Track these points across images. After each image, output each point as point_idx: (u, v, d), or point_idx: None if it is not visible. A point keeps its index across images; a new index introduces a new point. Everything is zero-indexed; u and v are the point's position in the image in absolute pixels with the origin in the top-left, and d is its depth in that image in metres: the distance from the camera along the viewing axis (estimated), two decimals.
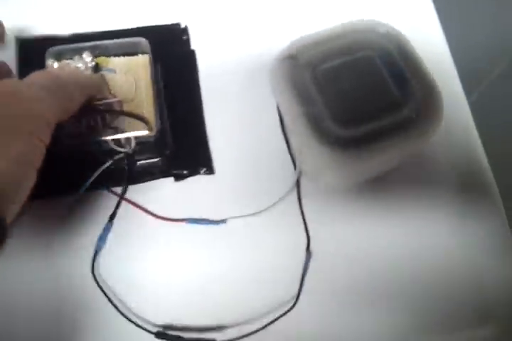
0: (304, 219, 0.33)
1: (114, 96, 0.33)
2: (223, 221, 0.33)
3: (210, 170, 0.34)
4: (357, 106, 0.26)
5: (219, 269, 0.32)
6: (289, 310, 0.31)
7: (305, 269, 0.33)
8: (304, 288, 0.32)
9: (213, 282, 0.32)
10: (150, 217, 0.32)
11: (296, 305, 0.32)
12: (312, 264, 0.33)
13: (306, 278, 0.32)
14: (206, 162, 0.34)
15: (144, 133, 0.31)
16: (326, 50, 0.27)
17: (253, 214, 0.33)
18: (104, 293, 0.31)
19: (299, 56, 0.27)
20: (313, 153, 0.27)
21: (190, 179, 0.34)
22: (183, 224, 0.33)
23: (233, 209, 0.33)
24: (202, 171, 0.34)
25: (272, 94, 0.32)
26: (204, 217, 0.33)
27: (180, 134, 0.34)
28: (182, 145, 0.34)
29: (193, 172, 0.34)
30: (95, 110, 0.31)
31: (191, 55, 0.37)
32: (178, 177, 0.34)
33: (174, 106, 0.34)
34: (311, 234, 0.33)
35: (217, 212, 0.33)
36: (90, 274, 0.31)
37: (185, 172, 0.33)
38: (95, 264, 0.31)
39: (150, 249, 0.32)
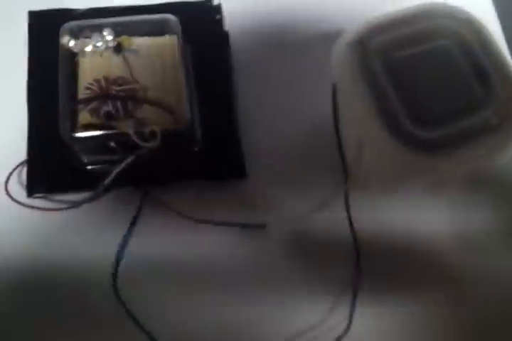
0: (352, 230, 0.28)
1: (137, 82, 0.28)
2: (262, 226, 0.29)
3: (242, 174, 0.30)
4: (435, 103, 0.22)
5: (252, 279, 0.28)
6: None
7: (355, 288, 0.28)
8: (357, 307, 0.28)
9: (244, 296, 0.28)
10: (176, 219, 0.28)
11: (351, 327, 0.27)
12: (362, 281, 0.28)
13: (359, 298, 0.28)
14: (238, 163, 0.30)
15: (171, 125, 0.27)
16: (399, 36, 0.23)
17: (294, 219, 0.29)
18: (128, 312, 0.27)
19: (370, 41, 0.23)
20: (382, 154, 0.23)
21: None
22: (215, 227, 0.28)
23: (271, 213, 0.29)
24: (232, 176, 0.30)
25: (321, 81, 0.28)
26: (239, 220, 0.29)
27: (211, 128, 0.30)
28: (212, 142, 0.30)
29: (223, 176, 0.30)
30: (115, 97, 0.27)
31: (224, 36, 0.32)
32: (207, 180, 0.29)
33: (204, 96, 0.30)
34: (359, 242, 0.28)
35: (252, 216, 0.29)
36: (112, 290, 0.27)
37: (214, 174, 0.29)
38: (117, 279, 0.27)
39: (170, 254, 0.28)
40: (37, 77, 0.31)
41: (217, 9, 0.33)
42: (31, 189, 0.29)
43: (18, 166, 0.30)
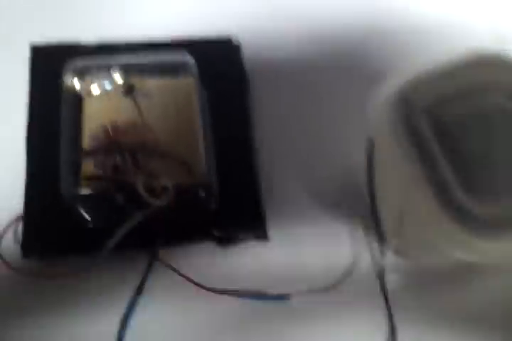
0: (386, 302, 0.25)
1: (149, 129, 0.25)
2: (286, 296, 0.25)
3: (264, 236, 0.26)
4: (493, 172, 0.19)
5: None
6: None
7: None
8: None
9: None
10: (187, 287, 0.25)
11: None
12: None
13: None
14: (258, 225, 0.26)
15: (185, 179, 0.24)
16: (447, 92, 0.20)
17: (326, 290, 0.25)
18: None
19: (415, 98, 0.20)
20: (429, 228, 0.19)
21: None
22: (233, 298, 0.25)
23: (293, 283, 0.26)
24: (252, 238, 0.26)
25: (350, 127, 0.25)
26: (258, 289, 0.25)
27: (228, 184, 0.26)
28: (230, 199, 0.26)
29: (241, 238, 0.26)
30: (124, 149, 0.24)
31: (244, 79, 0.29)
32: (223, 242, 0.26)
33: (221, 148, 0.27)
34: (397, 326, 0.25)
35: (273, 285, 0.25)
36: None
37: (231, 237, 0.26)
38: None
39: (181, 328, 0.25)
40: (38, 119, 0.27)
41: (237, 49, 0.30)
42: (27, 249, 0.25)
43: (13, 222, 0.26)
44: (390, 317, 0.25)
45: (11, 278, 0.24)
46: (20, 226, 0.25)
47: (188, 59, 0.27)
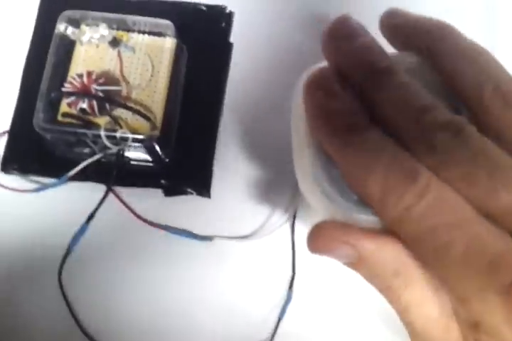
0: (293, 253, 0.29)
1: (125, 81, 0.28)
2: (209, 238, 0.30)
3: (207, 195, 0.30)
4: None
5: (188, 292, 0.29)
6: None
7: (283, 310, 0.29)
8: (279, 331, 0.29)
9: (177, 305, 0.29)
10: (131, 220, 0.29)
11: None
12: (293, 303, 0.29)
13: (283, 321, 0.29)
14: (205, 183, 0.29)
15: (144, 133, 0.27)
16: None
17: (244, 238, 0.30)
18: (67, 303, 0.28)
19: None
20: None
21: None
22: (166, 233, 0.29)
23: (222, 229, 0.30)
24: (196, 194, 0.29)
25: None
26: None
27: (185, 143, 0.29)
28: (183, 156, 0.29)
29: (186, 191, 0.29)
30: (92, 96, 0.27)
31: (227, 48, 0.31)
32: (169, 192, 0.29)
33: (188, 108, 0.30)
34: (297, 270, 0.29)
35: (204, 228, 0.29)
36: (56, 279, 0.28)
37: (177, 188, 0.29)
38: (63, 269, 0.29)
39: (121, 256, 0.29)
40: (35, 57, 0.31)
41: (229, 17, 0.31)
42: (6, 164, 0.30)
43: None
44: (293, 262, 0.29)
45: None
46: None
47: (168, 24, 0.28)
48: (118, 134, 0.27)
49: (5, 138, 0.30)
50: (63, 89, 0.27)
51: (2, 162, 0.30)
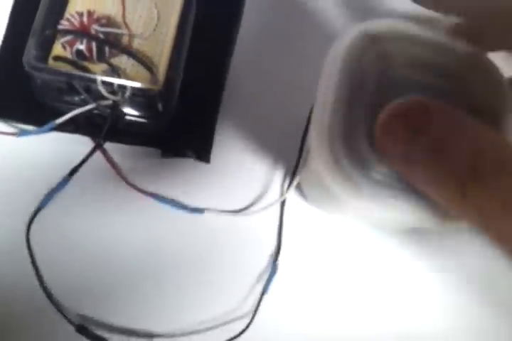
0: (280, 227, 0.28)
1: (126, 27, 0.26)
2: (200, 211, 0.28)
3: (206, 159, 0.27)
4: None
5: (168, 262, 0.27)
6: (241, 332, 0.26)
7: (267, 284, 0.28)
8: (262, 307, 0.27)
9: (155, 276, 0.27)
10: (116, 181, 0.27)
11: (250, 326, 0.27)
12: (276, 279, 0.28)
13: (267, 295, 0.28)
14: (206, 146, 0.27)
15: (145, 84, 0.25)
16: (421, 58, 0.17)
17: (236, 212, 0.28)
18: (32, 260, 0.26)
19: (385, 45, 0.19)
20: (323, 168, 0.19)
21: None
22: (152, 201, 0.27)
23: (214, 202, 0.28)
24: (195, 157, 0.27)
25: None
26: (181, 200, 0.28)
27: (188, 100, 0.27)
28: (184, 116, 0.27)
29: (185, 153, 0.27)
30: (91, 37, 0.24)
31: (239, 4, 0.29)
32: (166, 153, 0.27)
33: (194, 63, 0.27)
34: (283, 245, 0.28)
35: (195, 199, 0.27)
36: (24, 232, 0.26)
37: (175, 149, 0.27)
38: (33, 222, 0.26)
39: (98, 218, 0.27)
40: None
41: None
42: None
43: None
44: (279, 238, 0.28)
45: None
46: None
47: None
48: (116, 81, 0.24)
49: None
50: (59, 27, 0.24)
51: None
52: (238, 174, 0.28)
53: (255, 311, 0.27)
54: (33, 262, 0.26)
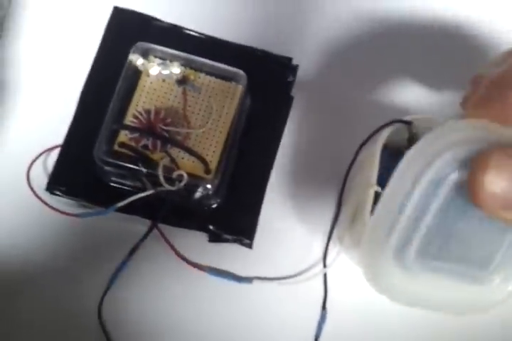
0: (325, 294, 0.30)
1: (186, 121, 0.29)
2: (249, 280, 0.30)
3: (249, 245, 0.30)
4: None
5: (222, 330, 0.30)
6: None
7: None
8: None
9: None
10: (171, 257, 0.29)
11: None
12: None
13: None
14: (249, 234, 0.30)
15: (199, 175, 0.28)
16: None
17: (283, 279, 0.30)
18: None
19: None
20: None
21: None
22: (204, 274, 0.30)
23: (262, 271, 0.30)
24: (239, 243, 0.30)
25: None
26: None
27: (235, 190, 0.30)
28: (232, 204, 0.30)
29: (229, 240, 0.30)
30: (157, 136, 0.27)
31: (288, 102, 0.32)
32: (213, 238, 0.30)
33: (242, 157, 0.30)
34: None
35: (244, 269, 0.30)
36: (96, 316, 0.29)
37: (221, 235, 0.30)
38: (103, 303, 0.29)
39: (160, 297, 0.30)
40: (99, 70, 0.31)
41: (293, 70, 0.32)
42: (53, 184, 0.29)
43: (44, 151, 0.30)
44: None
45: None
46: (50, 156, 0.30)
47: (241, 74, 0.29)
48: (174, 175, 0.27)
49: (55, 153, 0.30)
50: (128, 123, 0.27)
51: (49, 181, 0.29)
52: (282, 242, 0.31)
53: None
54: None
